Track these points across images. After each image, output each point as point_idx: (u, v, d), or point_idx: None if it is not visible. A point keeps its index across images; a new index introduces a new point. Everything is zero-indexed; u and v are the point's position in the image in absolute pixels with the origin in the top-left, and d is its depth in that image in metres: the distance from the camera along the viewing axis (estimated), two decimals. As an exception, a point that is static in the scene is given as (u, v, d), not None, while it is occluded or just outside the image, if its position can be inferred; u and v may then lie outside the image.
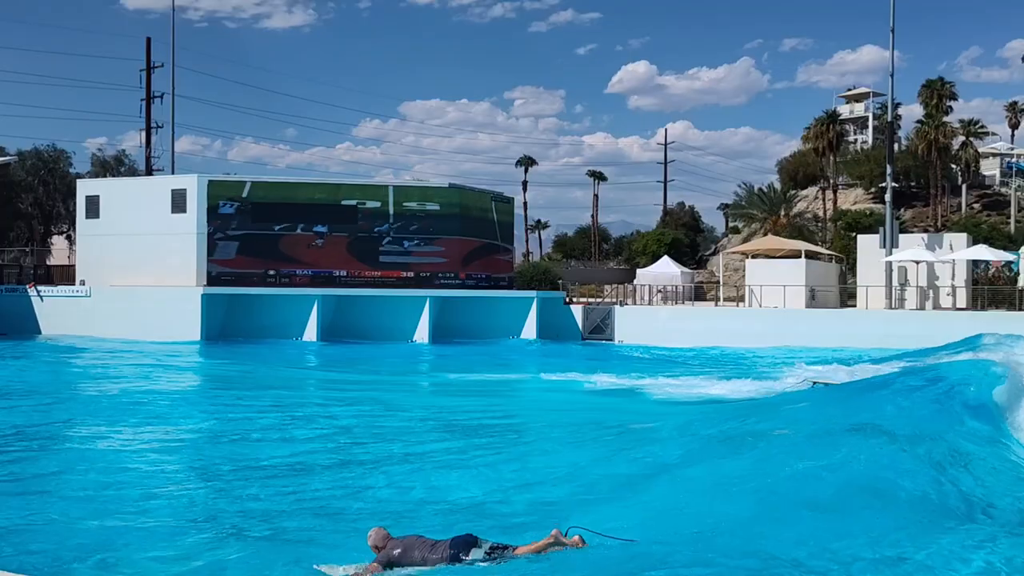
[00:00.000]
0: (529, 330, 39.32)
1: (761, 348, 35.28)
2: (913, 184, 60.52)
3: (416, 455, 14.61)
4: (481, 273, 41.78)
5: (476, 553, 7.94)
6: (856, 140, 76.02)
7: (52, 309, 39.47)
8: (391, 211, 40.33)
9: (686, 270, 51.38)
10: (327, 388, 25.20)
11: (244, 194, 39.30)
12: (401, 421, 18.50)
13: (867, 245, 39.93)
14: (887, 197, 40.45)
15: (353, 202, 40.19)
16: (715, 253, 62.19)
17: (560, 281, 47.93)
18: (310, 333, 37.52)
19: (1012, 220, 54.55)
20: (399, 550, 8.22)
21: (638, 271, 50.95)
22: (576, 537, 8.01)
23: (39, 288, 40.25)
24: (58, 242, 61.32)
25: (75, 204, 43.21)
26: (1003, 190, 61.56)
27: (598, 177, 78.85)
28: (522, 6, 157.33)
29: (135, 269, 38.73)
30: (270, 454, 14.78)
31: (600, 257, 75.36)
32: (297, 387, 25.71)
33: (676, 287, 46.59)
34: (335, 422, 18.15)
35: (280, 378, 27.04)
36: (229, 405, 21.47)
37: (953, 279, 38.17)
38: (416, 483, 12.55)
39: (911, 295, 38.57)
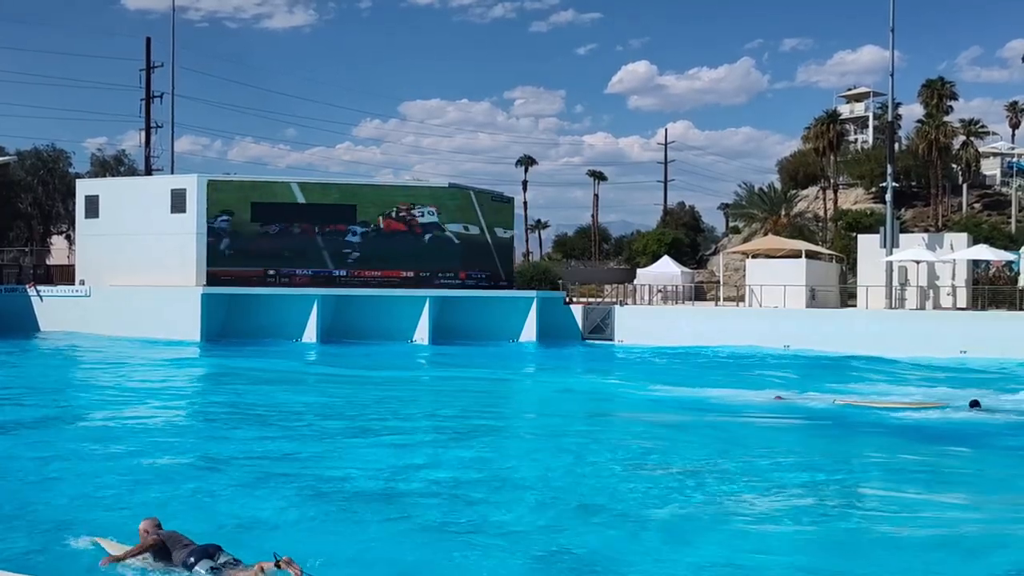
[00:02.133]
0: (529, 330, 39.28)
1: (763, 348, 35.27)
2: (914, 184, 60.46)
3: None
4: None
5: (204, 564, 8.46)
6: (856, 140, 75.95)
7: (52, 309, 39.45)
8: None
9: (686, 270, 51.30)
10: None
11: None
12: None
13: (867, 245, 39.85)
14: (888, 197, 40.37)
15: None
16: (715, 253, 62.13)
17: (560, 281, 47.87)
18: (310, 334, 37.45)
19: (1013, 220, 54.49)
20: (150, 542, 8.84)
21: (638, 271, 50.87)
22: (287, 561, 8.26)
23: (39, 288, 40.23)
24: (58, 242, 61.27)
25: (75, 204, 43.19)
26: (1004, 190, 61.50)
27: (598, 177, 78.77)
28: (522, 6, 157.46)
29: (135, 269, 38.69)
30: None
31: (600, 257, 75.29)
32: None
33: (676, 287, 46.51)
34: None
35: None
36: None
37: (953, 279, 38.09)
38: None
39: (911, 295, 38.50)
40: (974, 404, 19.76)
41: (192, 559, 8.51)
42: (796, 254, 41.15)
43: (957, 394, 22.21)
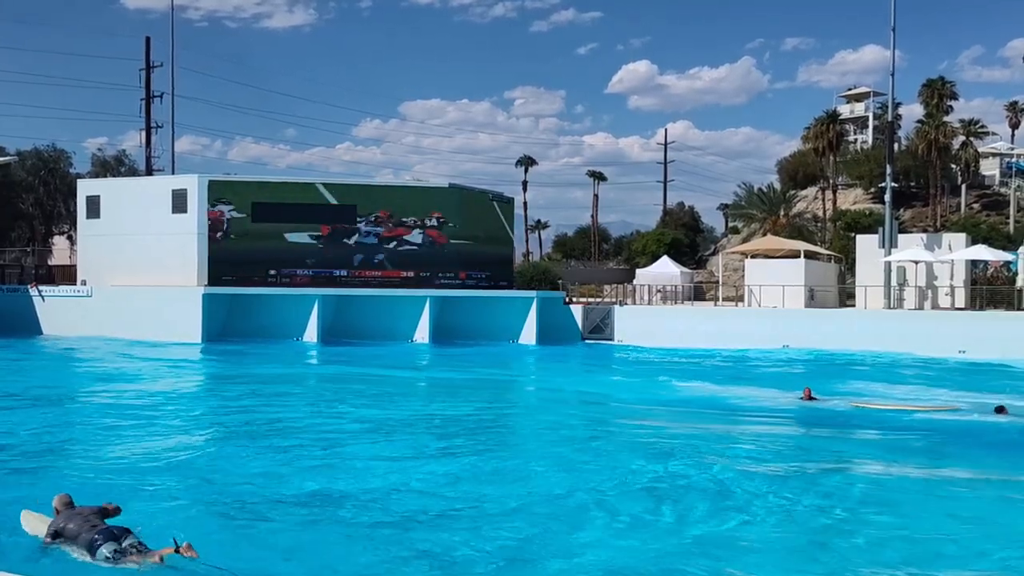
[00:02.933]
0: (529, 330, 39.35)
1: (762, 349, 35.35)
2: (913, 184, 60.59)
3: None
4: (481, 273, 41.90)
5: (110, 546, 8.83)
6: (856, 140, 76.08)
7: (53, 309, 39.55)
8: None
9: (686, 270, 51.44)
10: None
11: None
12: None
13: (866, 245, 39.95)
14: (887, 197, 40.48)
15: None
16: (715, 253, 62.27)
17: (560, 281, 48.00)
18: (310, 333, 37.55)
19: (1011, 220, 54.57)
20: (61, 522, 9.29)
21: (638, 271, 51.01)
22: (187, 547, 8.68)
23: (40, 288, 40.34)
24: (59, 242, 61.40)
25: (76, 204, 43.30)
26: (1003, 190, 61.58)
27: (598, 177, 78.92)
28: (523, 5, 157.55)
29: (136, 269, 38.82)
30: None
31: (600, 257, 75.44)
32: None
33: (676, 287, 46.65)
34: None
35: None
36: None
37: (952, 279, 38.19)
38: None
39: (910, 295, 38.61)
40: (1000, 410, 19.26)
41: (99, 539, 8.88)
42: (795, 254, 41.25)
43: (968, 396, 22.14)
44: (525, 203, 75.11)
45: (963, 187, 59.43)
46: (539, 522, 11.18)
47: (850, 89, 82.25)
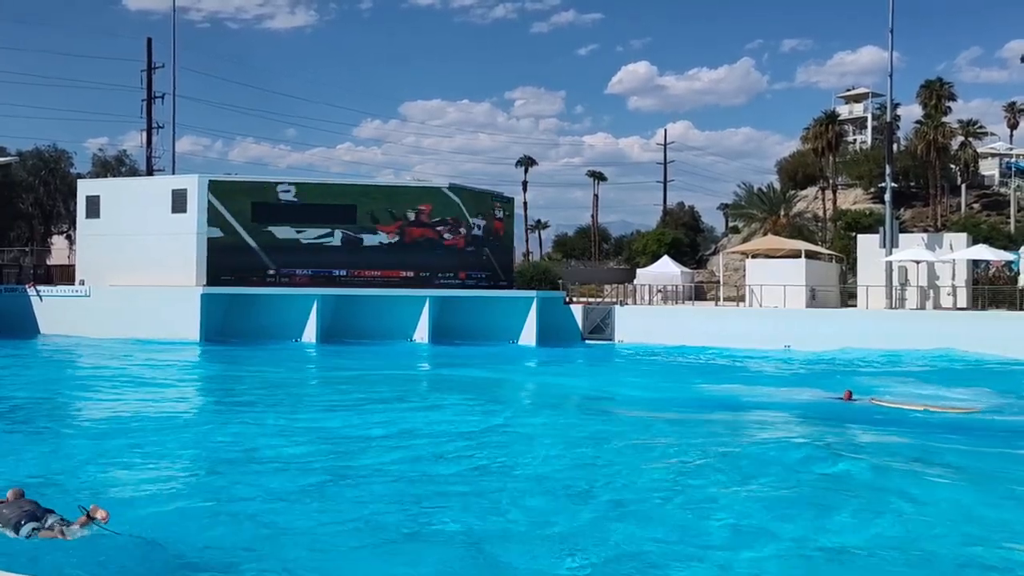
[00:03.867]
0: (529, 330, 39.23)
1: (764, 349, 35.24)
2: (912, 184, 60.55)
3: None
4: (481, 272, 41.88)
5: (29, 527, 9.33)
6: (855, 140, 76.11)
7: (52, 309, 39.42)
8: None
9: (686, 270, 51.33)
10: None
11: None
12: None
13: (867, 245, 39.86)
14: (887, 197, 40.41)
15: None
16: (715, 253, 62.21)
17: (560, 281, 47.90)
18: (309, 334, 37.46)
19: (1012, 220, 54.55)
20: (5, 509, 9.77)
21: (638, 271, 50.91)
22: (94, 509, 9.20)
23: (39, 288, 40.22)
24: (58, 242, 61.31)
25: (76, 204, 43.21)
26: (1002, 190, 61.57)
27: (598, 177, 78.92)
28: (523, 7, 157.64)
29: (135, 269, 38.71)
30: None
31: (600, 257, 75.39)
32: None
33: (676, 287, 46.52)
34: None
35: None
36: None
37: (953, 279, 38.12)
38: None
39: (911, 295, 38.53)
40: None
41: (23, 521, 9.35)
42: (796, 254, 41.15)
43: (978, 397, 22.08)
44: (525, 203, 75.11)
45: (963, 187, 59.40)
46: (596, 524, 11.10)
47: (849, 90, 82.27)
